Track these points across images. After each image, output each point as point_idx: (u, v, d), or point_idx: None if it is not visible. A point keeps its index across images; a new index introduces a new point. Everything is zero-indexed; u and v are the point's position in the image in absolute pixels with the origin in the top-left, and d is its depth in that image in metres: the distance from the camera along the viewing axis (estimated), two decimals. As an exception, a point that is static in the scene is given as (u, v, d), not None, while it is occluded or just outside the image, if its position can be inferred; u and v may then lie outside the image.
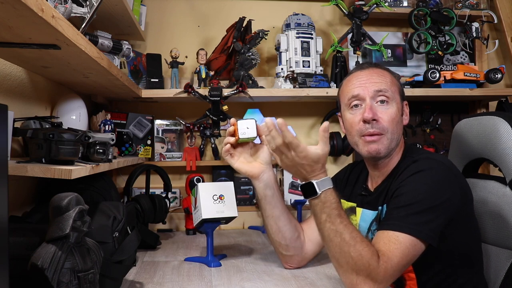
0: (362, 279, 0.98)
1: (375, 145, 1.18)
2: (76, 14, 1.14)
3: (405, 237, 1.01)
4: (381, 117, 1.18)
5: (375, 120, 1.17)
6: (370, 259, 0.98)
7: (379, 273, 0.98)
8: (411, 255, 1.02)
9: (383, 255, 0.99)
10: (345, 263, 1.00)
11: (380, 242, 1.02)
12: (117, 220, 1.12)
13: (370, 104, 1.18)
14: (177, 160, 2.07)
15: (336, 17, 2.28)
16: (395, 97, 1.21)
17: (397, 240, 1.01)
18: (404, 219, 1.03)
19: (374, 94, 1.19)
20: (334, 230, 1.02)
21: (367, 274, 0.98)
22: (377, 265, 0.98)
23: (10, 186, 0.75)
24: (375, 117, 1.17)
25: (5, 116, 0.75)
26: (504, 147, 1.23)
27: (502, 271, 1.23)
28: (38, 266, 0.79)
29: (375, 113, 1.17)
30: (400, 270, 1.02)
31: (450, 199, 1.07)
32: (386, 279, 0.99)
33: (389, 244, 1.01)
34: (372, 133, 1.18)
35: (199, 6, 2.22)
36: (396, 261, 0.99)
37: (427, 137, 2.22)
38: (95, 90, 1.70)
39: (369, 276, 0.98)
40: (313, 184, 1.06)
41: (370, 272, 0.97)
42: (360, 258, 0.98)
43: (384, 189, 1.20)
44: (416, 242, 1.02)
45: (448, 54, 2.12)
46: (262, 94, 1.97)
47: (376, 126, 1.17)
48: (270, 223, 1.30)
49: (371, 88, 1.19)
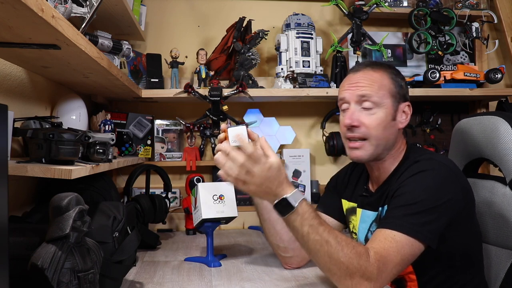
0: (357, 281, 0.97)
1: (357, 151, 1.19)
2: (76, 14, 1.14)
3: (401, 236, 1.01)
4: (363, 122, 1.17)
5: (354, 126, 1.17)
6: (360, 259, 0.97)
7: (373, 271, 0.97)
8: (408, 255, 1.01)
9: (376, 253, 0.99)
10: (337, 269, 0.98)
11: (376, 240, 1.02)
12: (117, 220, 1.12)
13: (352, 110, 1.18)
14: (177, 160, 2.07)
15: (336, 17, 2.28)
16: (384, 101, 1.17)
17: (393, 239, 1.01)
18: (402, 218, 1.03)
19: (358, 99, 1.18)
20: (320, 240, 0.99)
21: (361, 275, 0.97)
22: (368, 264, 0.97)
23: (10, 186, 0.75)
24: (355, 123, 1.17)
25: (5, 116, 0.75)
26: (504, 147, 1.23)
27: (502, 271, 1.23)
28: (38, 266, 0.79)
29: (356, 119, 1.17)
30: (397, 269, 1.01)
31: (451, 200, 1.06)
32: (382, 277, 0.98)
33: (385, 242, 1.00)
34: (353, 137, 1.18)
35: (199, 6, 2.22)
36: (390, 259, 0.98)
37: (427, 137, 2.22)
38: (95, 90, 1.70)
39: (363, 277, 0.97)
40: (287, 199, 1.01)
41: (364, 272, 0.97)
42: (350, 261, 0.96)
43: (385, 190, 1.19)
44: (414, 242, 1.01)
45: (448, 54, 2.12)
46: (262, 94, 1.97)
47: (357, 131, 1.17)
48: (268, 227, 1.30)
49: (355, 93, 1.19)
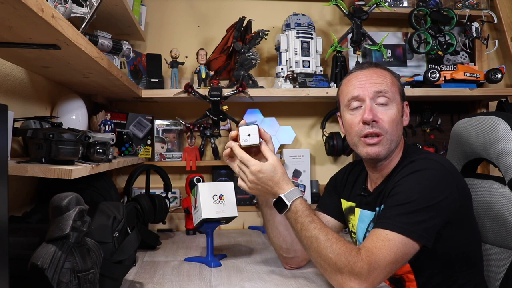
0: (346, 277, 0.99)
1: (375, 147, 1.17)
2: (76, 14, 1.14)
3: (394, 235, 1.01)
4: (381, 118, 1.16)
5: (375, 121, 1.16)
6: (349, 256, 0.99)
7: (362, 268, 0.97)
8: (401, 254, 1.01)
9: (367, 251, 0.99)
10: (327, 265, 1.02)
11: (369, 239, 1.03)
12: (117, 220, 1.12)
13: (370, 105, 1.17)
14: (177, 160, 2.07)
15: (336, 17, 2.28)
16: (396, 97, 1.20)
17: (385, 238, 1.01)
18: (395, 218, 1.03)
19: (374, 95, 1.18)
20: (310, 237, 1.05)
21: (349, 271, 0.98)
22: (358, 260, 0.98)
23: (10, 186, 0.75)
24: (375, 118, 1.16)
25: (5, 116, 0.75)
26: (503, 147, 1.23)
27: (501, 270, 1.23)
28: (38, 266, 0.79)
29: (375, 114, 1.16)
30: (390, 268, 1.00)
31: (447, 200, 1.06)
32: (373, 275, 0.98)
33: (377, 241, 1.01)
34: (372, 132, 1.16)
35: (199, 6, 2.22)
36: (381, 257, 0.99)
37: (427, 137, 2.22)
38: (95, 90, 1.70)
39: (352, 273, 0.98)
40: (282, 198, 1.11)
41: (352, 268, 0.98)
42: (338, 257, 0.99)
43: (382, 190, 1.20)
44: (407, 241, 1.01)
45: (448, 54, 2.13)
46: (262, 94, 1.97)
47: (376, 126, 1.16)
48: (271, 227, 1.30)
49: (370, 89, 1.18)
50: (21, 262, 0.82)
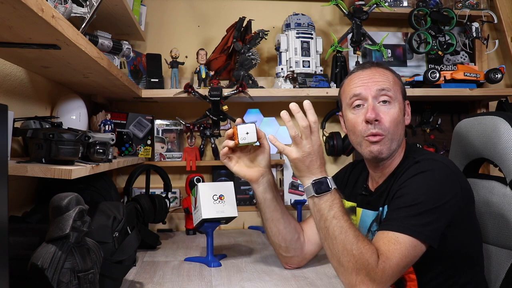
0: (361, 279, 0.98)
1: (377, 146, 1.17)
2: (76, 14, 1.14)
3: (405, 237, 1.01)
4: (383, 117, 1.16)
5: (377, 121, 1.16)
6: (370, 258, 0.98)
7: (377, 272, 0.97)
8: (411, 256, 1.01)
9: (382, 255, 0.99)
10: (347, 261, 1.00)
11: (380, 242, 1.02)
12: (117, 220, 1.12)
13: (372, 104, 1.17)
14: (177, 160, 2.07)
15: (336, 17, 2.28)
16: (398, 96, 1.20)
17: (396, 241, 1.01)
18: (404, 220, 1.03)
19: (376, 93, 1.18)
20: (340, 227, 1.02)
21: (366, 273, 0.98)
22: (376, 264, 0.98)
23: (10, 186, 0.74)
24: (378, 117, 1.15)
25: (5, 116, 0.75)
26: (504, 147, 1.23)
27: (502, 271, 1.23)
28: (38, 266, 0.79)
29: (378, 113, 1.16)
30: (400, 271, 1.01)
31: (452, 201, 1.06)
32: (385, 279, 0.99)
33: (389, 244, 1.01)
34: (375, 133, 1.16)
35: (199, 6, 2.22)
36: (395, 261, 0.99)
37: (427, 137, 2.22)
38: (95, 90, 1.70)
39: (368, 276, 0.98)
40: (327, 179, 1.07)
41: (369, 272, 0.97)
42: (361, 256, 0.98)
43: (385, 189, 1.19)
44: (416, 243, 1.01)
45: (448, 54, 2.13)
46: (262, 94, 1.97)
47: (378, 127, 1.16)
48: (270, 226, 1.29)
49: (373, 87, 1.18)
50: (21, 262, 0.82)
